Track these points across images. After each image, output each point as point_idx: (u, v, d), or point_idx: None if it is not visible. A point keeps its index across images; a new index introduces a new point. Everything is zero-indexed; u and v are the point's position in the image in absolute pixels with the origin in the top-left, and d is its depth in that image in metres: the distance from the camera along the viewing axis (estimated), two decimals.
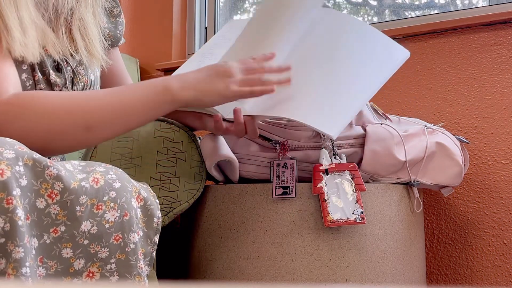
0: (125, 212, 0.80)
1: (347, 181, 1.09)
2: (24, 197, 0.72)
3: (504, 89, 1.44)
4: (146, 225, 0.85)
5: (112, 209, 0.79)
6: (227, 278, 1.12)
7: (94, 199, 0.78)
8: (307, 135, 1.14)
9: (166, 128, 1.13)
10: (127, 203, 0.81)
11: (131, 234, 0.80)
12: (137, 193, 0.84)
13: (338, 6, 1.96)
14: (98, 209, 0.78)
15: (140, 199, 0.85)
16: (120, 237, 0.79)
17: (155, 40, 2.02)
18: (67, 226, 0.76)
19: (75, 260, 0.76)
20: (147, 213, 0.85)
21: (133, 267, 0.80)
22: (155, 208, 0.86)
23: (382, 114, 1.29)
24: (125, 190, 0.81)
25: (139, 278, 0.80)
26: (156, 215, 0.86)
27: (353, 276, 1.08)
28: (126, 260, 0.79)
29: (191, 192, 1.13)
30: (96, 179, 0.79)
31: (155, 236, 0.86)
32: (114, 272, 0.79)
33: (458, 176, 1.21)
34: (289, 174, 1.10)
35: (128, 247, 0.80)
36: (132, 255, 0.80)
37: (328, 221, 1.05)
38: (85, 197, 0.77)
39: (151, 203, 0.86)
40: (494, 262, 1.40)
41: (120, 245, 0.80)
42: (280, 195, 1.09)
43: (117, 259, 0.79)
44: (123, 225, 0.80)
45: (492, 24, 1.47)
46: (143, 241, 0.84)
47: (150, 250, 0.85)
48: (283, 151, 1.13)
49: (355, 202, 1.07)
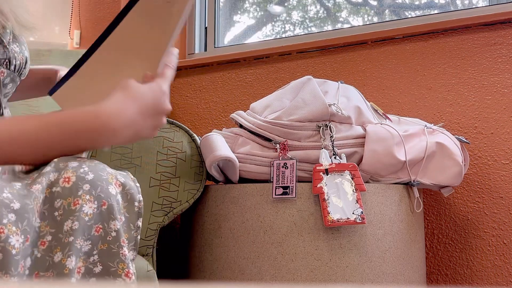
0: (102, 201, 0.79)
1: (347, 181, 1.09)
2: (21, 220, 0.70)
3: (504, 89, 1.44)
4: (127, 210, 0.83)
5: (89, 201, 0.77)
6: (227, 278, 1.12)
7: (69, 198, 0.77)
8: (307, 135, 1.14)
9: (166, 128, 1.13)
10: (103, 192, 0.79)
11: (111, 222, 0.79)
12: (114, 179, 0.82)
13: (338, 6, 1.96)
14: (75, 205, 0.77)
15: (118, 184, 0.83)
16: (100, 227, 0.78)
17: None
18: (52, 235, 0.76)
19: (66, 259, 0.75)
20: (127, 198, 0.84)
21: (115, 255, 0.79)
22: (135, 192, 0.84)
23: (382, 114, 1.29)
24: (99, 179, 0.80)
25: (122, 265, 0.79)
26: (137, 199, 0.84)
27: (353, 276, 1.08)
28: (108, 249, 0.79)
29: (191, 192, 1.13)
30: (67, 178, 0.78)
31: (138, 220, 0.84)
32: (97, 263, 0.78)
33: (458, 176, 1.21)
34: (289, 174, 1.10)
35: (110, 236, 0.79)
36: (114, 243, 0.79)
37: (328, 221, 1.05)
38: (59, 200, 0.77)
39: (130, 187, 0.84)
40: (494, 262, 1.40)
41: (101, 235, 0.79)
42: (280, 195, 1.09)
43: (99, 249, 0.79)
44: (102, 215, 0.79)
45: (492, 24, 1.47)
46: (126, 226, 0.82)
47: (134, 235, 0.84)
48: (283, 151, 1.13)
49: (355, 202, 1.07)
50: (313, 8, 2.00)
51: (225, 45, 2.06)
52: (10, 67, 0.94)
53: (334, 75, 1.66)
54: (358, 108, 1.20)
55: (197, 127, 1.88)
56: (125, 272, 0.79)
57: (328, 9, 1.98)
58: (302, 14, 2.00)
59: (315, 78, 1.29)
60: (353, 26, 1.84)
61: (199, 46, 2.05)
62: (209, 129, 1.86)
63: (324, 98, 1.16)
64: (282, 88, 1.29)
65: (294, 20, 2.03)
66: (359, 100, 1.24)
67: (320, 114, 1.14)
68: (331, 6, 1.98)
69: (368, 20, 1.90)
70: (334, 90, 1.23)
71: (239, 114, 1.23)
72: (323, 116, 1.15)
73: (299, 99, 1.18)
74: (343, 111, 1.16)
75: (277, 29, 2.09)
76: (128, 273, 0.79)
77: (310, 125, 1.15)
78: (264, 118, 1.17)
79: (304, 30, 1.99)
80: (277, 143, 1.14)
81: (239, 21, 2.13)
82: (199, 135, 1.22)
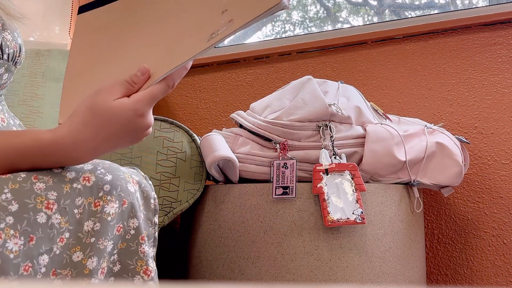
0: (123, 200, 0.79)
1: (347, 181, 1.09)
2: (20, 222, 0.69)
3: (504, 89, 1.44)
4: (145, 208, 0.84)
5: (110, 202, 0.77)
6: (227, 278, 1.12)
7: (90, 198, 0.77)
8: (307, 135, 1.14)
9: (166, 128, 1.13)
10: (123, 191, 0.79)
11: (130, 220, 0.79)
12: (131, 178, 0.82)
13: (338, 6, 1.96)
14: (96, 206, 0.77)
15: (135, 182, 0.83)
16: (121, 226, 0.79)
17: None
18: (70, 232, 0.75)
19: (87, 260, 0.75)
20: (143, 196, 0.84)
21: (134, 252, 0.79)
22: (150, 189, 0.85)
23: (382, 114, 1.29)
24: (118, 179, 0.80)
25: (141, 262, 0.79)
26: (152, 196, 0.85)
27: (353, 276, 1.08)
28: (126, 247, 0.79)
29: (191, 192, 1.13)
30: (87, 178, 0.77)
31: (154, 217, 0.85)
32: (116, 262, 0.78)
33: (458, 176, 1.21)
34: (289, 174, 1.10)
35: (128, 234, 0.79)
36: (132, 241, 0.79)
37: (328, 221, 1.05)
38: (80, 198, 0.76)
39: (145, 185, 0.84)
40: (494, 262, 1.40)
41: (121, 234, 0.79)
42: (280, 195, 1.10)
43: (119, 249, 0.79)
44: (123, 214, 0.79)
45: (492, 24, 1.47)
46: (145, 223, 0.82)
47: (152, 232, 0.84)
48: (283, 151, 1.13)
49: (355, 202, 1.07)
50: (313, 8, 2.00)
51: (225, 45, 2.06)
52: (3, 56, 0.90)
53: (334, 75, 1.66)
54: (358, 108, 1.20)
55: (197, 127, 1.88)
56: (143, 269, 0.79)
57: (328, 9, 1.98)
58: (302, 14, 2.00)
59: (315, 78, 1.29)
60: (353, 26, 1.84)
61: None
62: (209, 129, 1.86)
63: (324, 98, 1.16)
64: (282, 88, 1.29)
65: (294, 20, 2.03)
66: (359, 100, 1.24)
67: (320, 114, 1.14)
68: (331, 6, 1.98)
69: (368, 20, 1.90)
70: (334, 90, 1.23)
71: (239, 114, 1.23)
72: (323, 116, 1.15)
73: (299, 99, 1.18)
74: (343, 111, 1.16)
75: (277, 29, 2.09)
76: (147, 270, 0.79)
77: (310, 125, 1.15)
78: (264, 118, 1.17)
79: (304, 30, 1.99)
80: (277, 143, 1.14)
81: None
82: (199, 135, 1.22)
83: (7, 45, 0.90)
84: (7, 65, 0.91)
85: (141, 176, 0.86)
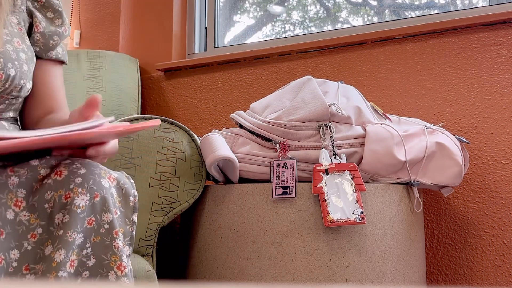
0: (94, 193, 0.79)
1: (347, 181, 1.09)
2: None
3: (504, 89, 1.44)
4: (122, 205, 0.84)
5: (81, 194, 0.77)
6: (227, 278, 1.12)
7: (60, 190, 0.77)
8: (307, 135, 1.14)
9: (166, 128, 1.13)
10: (95, 184, 0.79)
11: (104, 214, 0.79)
12: (107, 174, 0.83)
13: (338, 6, 1.96)
14: (67, 198, 0.77)
15: (113, 179, 0.83)
16: (93, 219, 0.78)
17: (155, 40, 2.02)
18: (42, 227, 0.76)
19: (55, 253, 0.75)
20: (122, 193, 0.84)
21: (108, 247, 0.79)
22: (130, 187, 0.85)
23: (382, 114, 1.29)
24: (92, 173, 0.80)
25: (115, 257, 0.79)
26: (132, 193, 0.85)
27: (353, 276, 1.08)
28: (101, 242, 0.79)
29: (191, 192, 1.13)
30: (59, 172, 0.79)
31: (133, 215, 0.85)
32: (90, 256, 0.78)
33: (458, 176, 1.21)
34: (289, 174, 1.10)
35: (102, 228, 0.79)
36: (107, 235, 0.79)
37: (328, 221, 1.05)
38: (50, 192, 0.77)
39: (124, 182, 0.85)
40: (494, 262, 1.40)
41: (94, 227, 0.79)
42: (280, 195, 1.09)
43: (92, 242, 0.78)
44: (95, 207, 0.79)
45: (492, 24, 1.47)
46: (121, 220, 0.83)
47: (129, 230, 0.84)
48: (283, 151, 1.13)
49: (355, 202, 1.07)
50: (313, 8, 2.00)
51: (225, 45, 2.06)
52: None
53: (334, 75, 1.66)
54: (358, 108, 1.20)
55: (197, 127, 1.88)
56: (117, 264, 0.79)
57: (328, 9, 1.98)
58: (302, 14, 2.00)
59: (315, 78, 1.29)
60: (353, 26, 1.84)
61: (199, 46, 2.05)
62: (209, 129, 1.86)
63: (324, 98, 1.16)
64: (282, 88, 1.29)
65: (294, 20, 2.03)
66: (359, 100, 1.24)
67: (320, 114, 1.14)
68: (331, 6, 1.98)
69: (368, 20, 1.90)
70: (334, 90, 1.23)
71: (239, 114, 1.23)
72: (323, 116, 1.15)
73: (299, 99, 1.18)
74: (343, 111, 1.16)
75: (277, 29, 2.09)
76: (121, 266, 0.79)
77: (310, 125, 1.15)
78: (264, 118, 1.17)
79: (304, 30, 1.99)
80: (277, 143, 1.14)
81: (239, 21, 2.13)
82: (199, 135, 1.22)
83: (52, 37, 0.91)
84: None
85: (122, 175, 0.86)
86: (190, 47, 2.04)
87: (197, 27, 2.05)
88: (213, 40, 2.03)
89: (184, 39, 2.04)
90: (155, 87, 1.98)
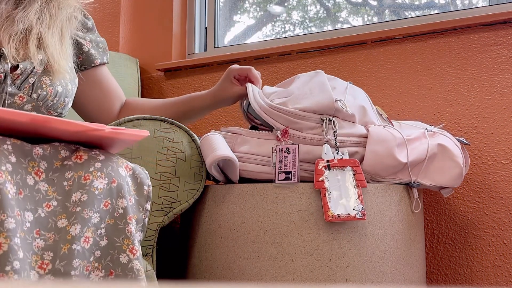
0: (112, 179, 0.84)
1: (348, 176, 1.09)
2: (16, 173, 0.78)
3: (504, 89, 1.44)
4: (137, 193, 0.89)
5: (100, 177, 0.83)
6: (227, 278, 1.12)
7: (80, 172, 0.83)
8: (309, 126, 1.13)
9: (166, 128, 1.14)
10: (113, 171, 0.85)
11: (119, 199, 0.84)
12: (124, 163, 0.89)
13: (338, 6, 1.96)
14: (86, 180, 0.82)
15: (129, 168, 0.89)
16: (109, 202, 0.83)
17: (155, 40, 2.02)
18: (58, 201, 0.81)
19: (71, 227, 0.80)
20: (137, 182, 0.90)
21: (121, 231, 0.83)
22: (144, 177, 0.91)
23: (386, 118, 1.29)
24: (110, 161, 0.86)
25: (127, 241, 0.83)
26: (146, 183, 0.91)
27: (353, 276, 1.08)
28: (114, 225, 0.83)
29: (191, 192, 1.13)
30: (79, 156, 0.85)
31: (146, 203, 0.90)
32: (103, 237, 0.83)
33: (459, 178, 1.21)
34: (291, 159, 1.10)
35: (117, 212, 0.84)
36: (120, 220, 0.84)
37: (328, 216, 1.05)
38: (70, 172, 0.83)
39: (139, 172, 0.91)
40: (494, 262, 1.40)
41: (109, 210, 0.83)
42: (282, 180, 1.09)
43: (106, 224, 0.83)
44: (112, 191, 0.84)
45: (492, 24, 1.47)
46: (135, 207, 0.88)
47: (142, 217, 0.89)
48: (285, 135, 1.12)
49: (356, 198, 1.07)
50: (313, 8, 2.00)
51: (225, 45, 2.06)
52: (32, 94, 1.03)
53: (334, 75, 1.66)
54: (363, 108, 1.20)
55: (197, 127, 1.88)
56: (130, 248, 0.83)
57: (328, 9, 1.98)
58: (302, 14, 2.00)
59: None
60: (353, 26, 1.84)
61: (199, 46, 2.05)
62: (208, 129, 1.86)
63: (331, 92, 1.16)
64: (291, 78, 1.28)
65: (294, 20, 2.03)
66: (365, 101, 1.24)
67: (325, 107, 1.13)
68: (331, 6, 1.98)
69: (368, 20, 1.90)
70: (343, 89, 1.23)
71: (253, 88, 1.22)
72: (327, 110, 1.14)
73: (306, 89, 1.17)
74: (348, 109, 1.15)
75: (277, 29, 2.09)
76: (133, 249, 0.83)
77: (314, 116, 1.14)
78: (270, 102, 1.16)
79: (304, 30, 1.99)
80: (279, 130, 1.13)
81: (239, 21, 2.13)
82: (199, 135, 1.22)
83: (41, 87, 1.04)
84: (35, 103, 1.04)
85: (137, 166, 0.92)
86: (190, 47, 2.04)
87: (197, 27, 2.05)
88: (213, 40, 2.03)
89: (184, 39, 2.04)
90: (155, 87, 1.98)
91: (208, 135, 1.16)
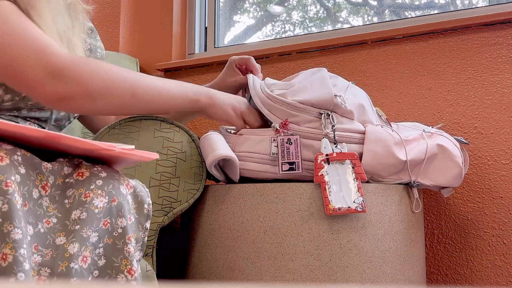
0: (113, 197, 0.83)
1: (348, 170, 1.09)
2: (23, 185, 0.77)
3: (504, 89, 1.44)
4: (137, 211, 0.88)
5: (100, 196, 0.82)
6: (227, 278, 1.12)
7: (81, 189, 0.82)
8: (307, 119, 1.13)
9: (166, 128, 1.14)
10: (114, 189, 0.84)
11: (119, 219, 0.83)
12: (126, 181, 0.88)
13: (338, 6, 1.96)
14: (86, 197, 0.81)
15: (130, 186, 0.88)
16: (108, 222, 0.82)
17: (155, 40, 2.02)
18: (58, 218, 0.80)
19: (69, 245, 0.79)
20: (137, 200, 0.88)
21: (120, 251, 0.82)
22: (145, 195, 0.90)
23: (385, 120, 1.29)
24: (112, 178, 0.85)
25: (125, 261, 0.82)
26: (146, 201, 0.90)
27: (353, 276, 1.08)
28: (113, 244, 0.82)
29: (191, 192, 1.13)
30: (81, 173, 0.84)
31: (146, 222, 0.89)
32: (102, 256, 0.82)
33: (458, 178, 1.21)
34: (293, 150, 1.10)
35: (116, 232, 0.83)
36: (119, 240, 0.82)
37: (329, 209, 1.05)
38: (71, 189, 0.82)
39: (140, 190, 0.90)
40: (494, 262, 1.40)
41: (108, 229, 0.82)
42: (287, 171, 1.09)
43: (105, 243, 0.82)
44: (111, 210, 0.83)
45: (492, 24, 1.47)
46: (135, 226, 0.86)
47: (141, 236, 0.88)
48: (284, 127, 1.12)
49: (356, 191, 1.07)
50: (313, 8, 2.00)
51: (225, 45, 2.06)
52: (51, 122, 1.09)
53: None
54: (362, 106, 1.20)
55: (197, 127, 1.88)
56: (127, 268, 0.82)
57: (328, 9, 1.99)
58: (302, 14, 2.00)
59: None
60: (353, 26, 1.84)
61: (199, 46, 2.05)
62: (208, 129, 1.86)
63: (332, 87, 1.16)
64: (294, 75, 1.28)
65: (294, 20, 2.03)
66: (365, 101, 1.24)
67: (324, 101, 1.13)
68: (331, 6, 1.98)
69: (368, 20, 1.90)
70: (344, 87, 1.23)
71: (254, 78, 1.23)
72: (326, 105, 1.14)
73: (307, 83, 1.17)
74: (347, 105, 1.15)
75: (277, 29, 2.09)
76: (131, 270, 0.82)
77: (312, 109, 1.14)
78: (270, 92, 1.16)
79: (304, 30, 1.99)
80: (277, 123, 1.13)
81: (239, 21, 2.13)
82: (199, 135, 1.22)
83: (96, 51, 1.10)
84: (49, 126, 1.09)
85: (138, 183, 0.91)
86: (190, 47, 2.04)
87: (197, 27, 2.05)
88: (213, 40, 2.03)
89: (184, 39, 2.04)
90: None
91: (207, 135, 1.16)
